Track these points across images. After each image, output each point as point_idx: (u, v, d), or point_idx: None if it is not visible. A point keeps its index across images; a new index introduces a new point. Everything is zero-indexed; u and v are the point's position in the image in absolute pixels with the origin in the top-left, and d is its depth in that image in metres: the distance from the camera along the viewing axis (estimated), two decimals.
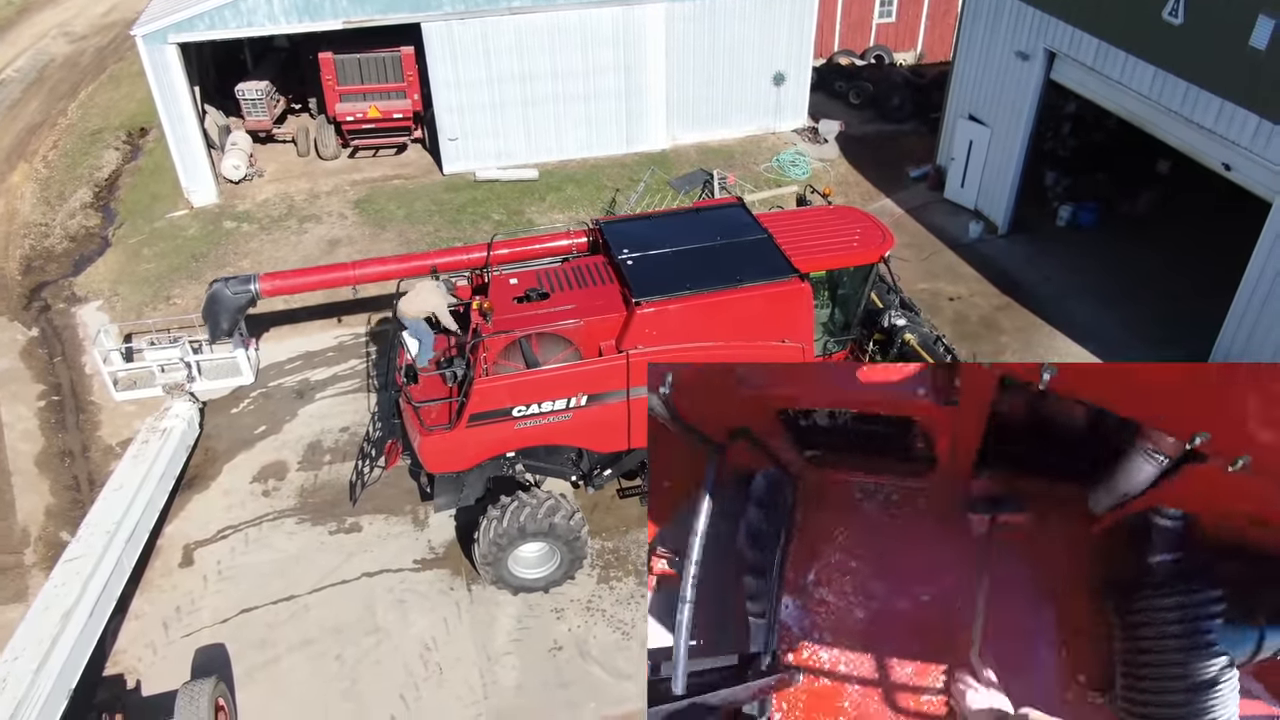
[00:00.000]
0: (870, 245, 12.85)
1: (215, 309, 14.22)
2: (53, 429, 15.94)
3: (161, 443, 14.01)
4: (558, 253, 13.75)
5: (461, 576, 13.07)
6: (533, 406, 11.63)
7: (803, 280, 11.94)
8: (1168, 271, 18.67)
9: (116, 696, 11.50)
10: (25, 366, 17.35)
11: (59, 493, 14.74)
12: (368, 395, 16.22)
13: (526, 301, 12.07)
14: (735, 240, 12.69)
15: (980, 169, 20.85)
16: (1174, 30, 15.08)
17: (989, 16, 19.72)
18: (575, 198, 22.06)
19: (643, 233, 13.03)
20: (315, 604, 12.77)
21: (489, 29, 21.28)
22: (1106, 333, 17.32)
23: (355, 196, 22.09)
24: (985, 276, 19.20)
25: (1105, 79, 16.88)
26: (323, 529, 13.87)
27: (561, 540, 12.21)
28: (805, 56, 24.04)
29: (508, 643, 12.23)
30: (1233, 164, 14.80)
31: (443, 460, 12.00)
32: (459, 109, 22.16)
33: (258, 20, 20.18)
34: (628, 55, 22.38)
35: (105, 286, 19.35)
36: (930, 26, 28.81)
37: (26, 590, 13.06)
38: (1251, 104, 14.01)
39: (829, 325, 13.51)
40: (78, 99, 28.04)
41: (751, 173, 22.93)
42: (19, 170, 24.15)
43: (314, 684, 11.77)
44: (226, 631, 12.43)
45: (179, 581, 13.15)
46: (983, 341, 17.30)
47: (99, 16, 34.60)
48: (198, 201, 21.66)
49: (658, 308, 11.54)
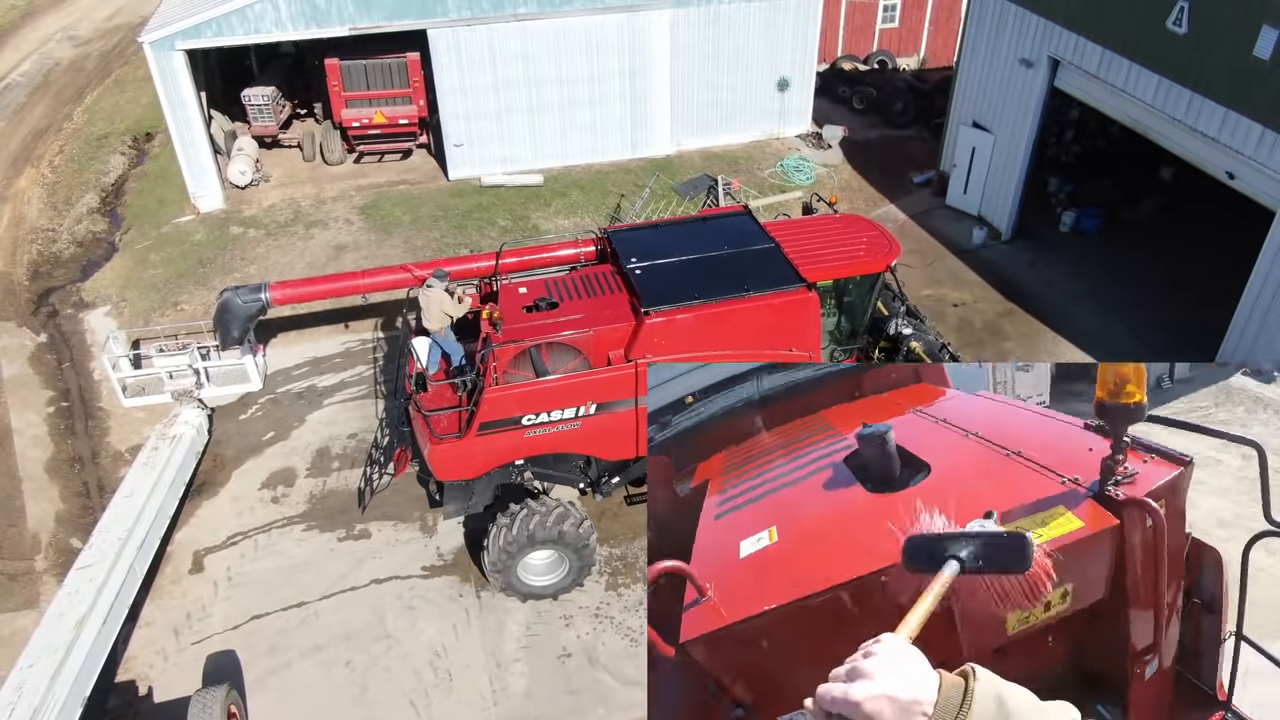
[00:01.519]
0: (877, 254, 12.92)
1: (226, 318, 14.31)
2: (62, 435, 16.02)
3: (171, 449, 14.09)
4: (565, 261, 13.84)
5: (470, 583, 13.15)
6: (542, 415, 11.72)
7: (810, 289, 12.03)
8: (1171, 278, 18.74)
9: (129, 704, 11.61)
10: (34, 372, 17.42)
11: (69, 499, 14.82)
12: (376, 402, 16.29)
13: (536, 311, 12.16)
14: (742, 249, 12.78)
15: (984, 175, 20.92)
16: (1178, 39, 15.16)
17: (993, 23, 19.80)
18: (580, 203, 22.13)
19: (650, 241, 13.12)
20: (325, 610, 12.85)
21: (495, 35, 21.36)
22: (1110, 339, 17.39)
23: (361, 202, 22.16)
24: (989, 282, 19.28)
25: (1109, 87, 16.96)
26: (332, 535, 13.95)
27: (570, 548, 12.29)
28: (809, 62, 24.12)
29: (517, 649, 12.31)
30: (1236, 173, 14.88)
31: (452, 468, 12.09)
32: (465, 115, 22.23)
33: (265, 27, 20.26)
34: (633, 61, 22.45)
35: (113, 292, 19.42)
36: (933, 32, 28.90)
37: (38, 597, 13.14)
38: (1255, 113, 14.09)
39: (835, 334, 13.59)
40: (83, 104, 28.09)
41: (756, 178, 23.01)
42: (25, 175, 24.23)
43: (325, 690, 11.85)
44: (237, 638, 12.51)
45: (189, 588, 13.23)
46: (987, 348, 17.38)
47: (103, 20, 34.66)
48: (204, 207, 21.73)
49: (666, 317, 11.62)
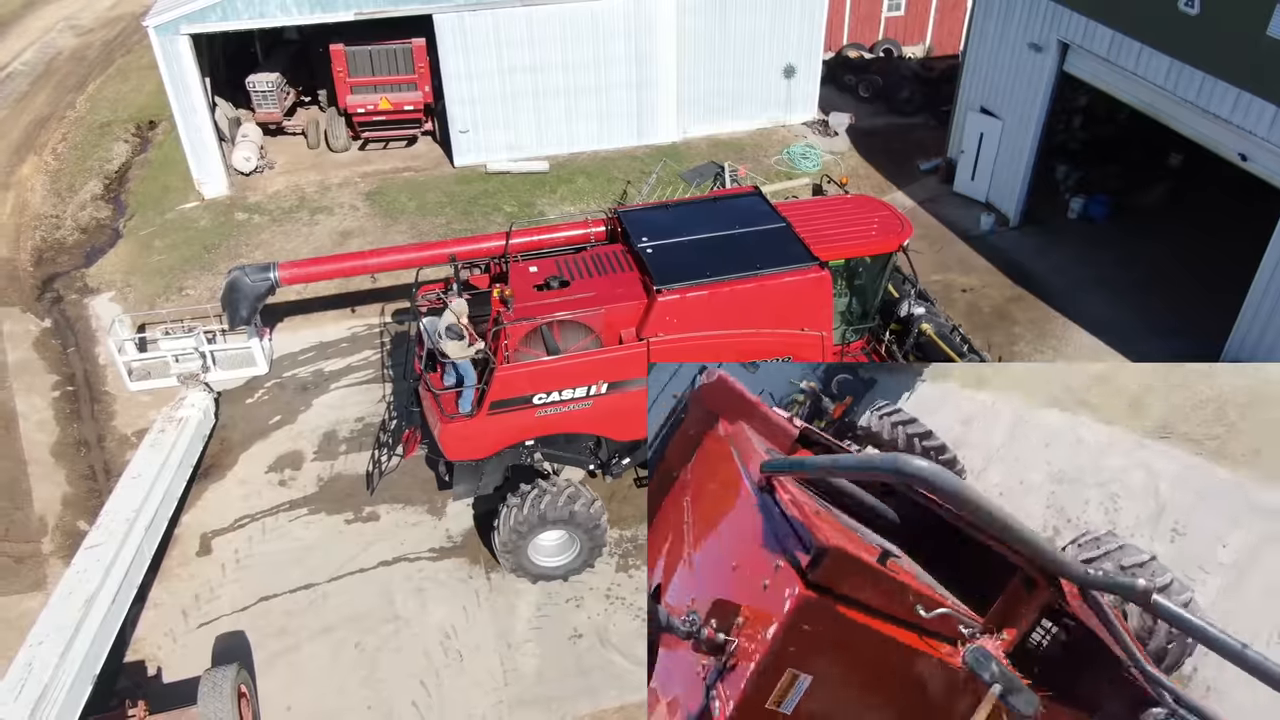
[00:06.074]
0: (889, 234, 12.84)
1: (234, 296, 14.22)
2: (68, 419, 15.94)
3: (178, 432, 14.01)
4: (576, 241, 13.75)
5: (480, 565, 13.08)
6: (553, 394, 11.64)
7: (823, 268, 11.95)
8: (1179, 264, 18.65)
9: (138, 684, 11.55)
10: (39, 357, 17.34)
11: (75, 482, 14.75)
12: (383, 385, 16.22)
13: (547, 289, 12.08)
14: (754, 229, 12.70)
15: (991, 161, 20.81)
16: (1190, 20, 15.06)
17: (1001, 8, 19.68)
18: (586, 190, 22.04)
19: (661, 221, 13.04)
20: (334, 592, 12.79)
21: (501, 21, 21.25)
22: (1119, 324, 17.31)
23: (366, 188, 22.06)
24: (997, 268, 19.19)
25: (1119, 70, 16.86)
26: (340, 518, 13.88)
27: (581, 528, 12.22)
28: (816, 49, 24.01)
29: (527, 630, 12.25)
30: (1249, 154, 14.78)
31: (463, 448, 12.00)
32: (470, 101, 22.13)
33: (270, 11, 20.16)
34: (639, 47, 22.34)
35: (117, 278, 19.34)
36: (939, 20, 28.77)
37: (45, 579, 13.08)
38: (1269, 94, 13.98)
39: (847, 314, 13.49)
40: (86, 92, 27.97)
41: (762, 165, 22.91)
42: (29, 163, 24.12)
43: (334, 671, 11.80)
44: (246, 620, 12.45)
45: (197, 570, 13.17)
46: (996, 332, 17.30)
47: (105, 10, 34.52)
48: (209, 193, 21.64)
49: (679, 295, 11.54)
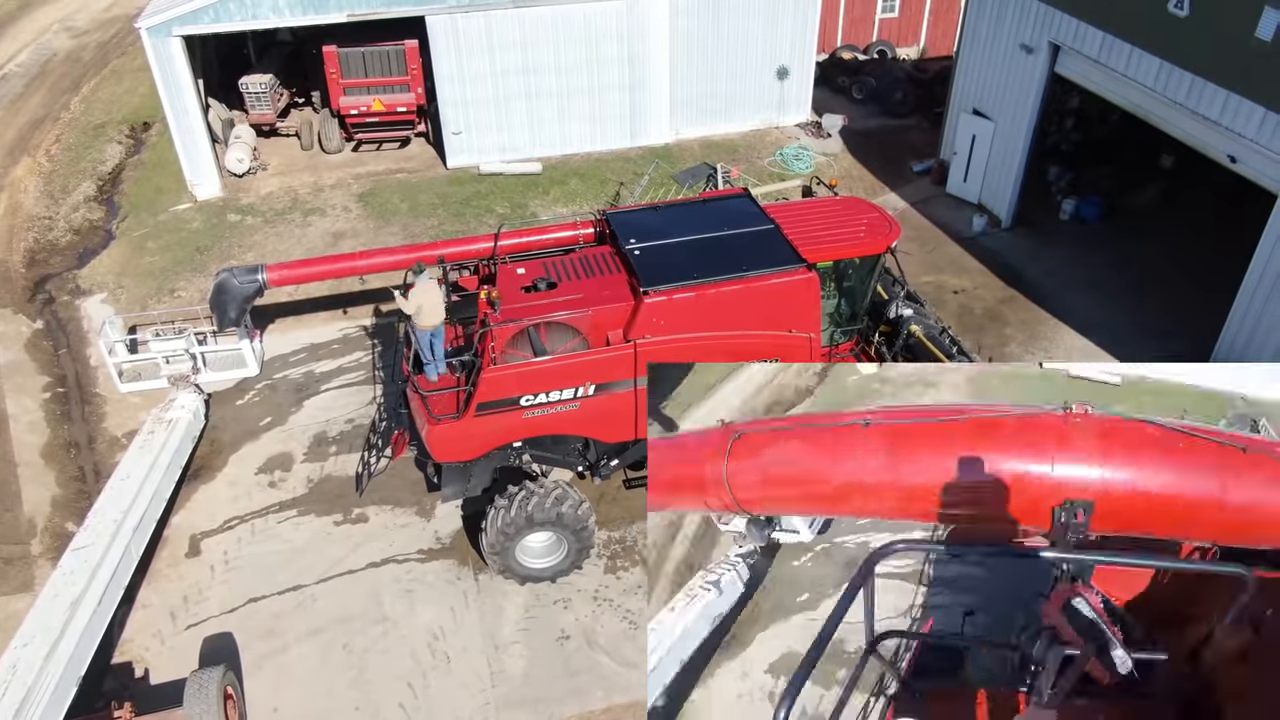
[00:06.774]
0: (877, 235, 12.85)
1: (223, 298, 14.22)
2: (58, 420, 15.94)
3: (168, 433, 14.01)
4: (564, 243, 13.75)
5: (468, 566, 13.08)
6: (540, 396, 11.65)
7: (810, 270, 11.95)
8: (1171, 265, 18.69)
9: (124, 685, 11.53)
10: (30, 359, 17.33)
11: (65, 484, 14.74)
12: (373, 387, 16.21)
13: (534, 291, 12.08)
14: (742, 230, 12.69)
15: (984, 163, 20.84)
16: (1179, 22, 15.08)
17: (993, 10, 19.72)
18: (579, 191, 22.05)
19: (649, 223, 13.04)
20: (322, 594, 12.78)
21: (493, 23, 21.27)
22: (1110, 326, 17.33)
23: (359, 190, 22.07)
24: (989, 269, 19.21)
25: (1110, 72, 16.89)
26: (329, 520, 13.87)
27: (569, 530, 12.21)
28: (809, 51, 24.04)
29: (515, 632, 12.24)
30: (1238, 156, 14.80)
31: (450, 449, 12.01)
32: (463, 103, 22.14)
33: (262, 13, 20.17)
34: (631, 49, 22.36)
35: (109, 279, 19.34)
36: (933, 22, 28.82)
37: (33, 580, 13.06)
38: (1257, 96, 14.01)
39: (835, 316, 13.51)
40: (80, 93, 27.99)
41: (755, 167, 22.93)
42: (22, 164, 24.12)
43: (322, 673, 11.78)
44: (234, 621, 12.43)
45: (186, 572, 13.15)
46: (987, 334, 17.31)
47: (100, 11, 34.56)
48: (202, 195, 21.64)
49: (666, 297, 11.54)
